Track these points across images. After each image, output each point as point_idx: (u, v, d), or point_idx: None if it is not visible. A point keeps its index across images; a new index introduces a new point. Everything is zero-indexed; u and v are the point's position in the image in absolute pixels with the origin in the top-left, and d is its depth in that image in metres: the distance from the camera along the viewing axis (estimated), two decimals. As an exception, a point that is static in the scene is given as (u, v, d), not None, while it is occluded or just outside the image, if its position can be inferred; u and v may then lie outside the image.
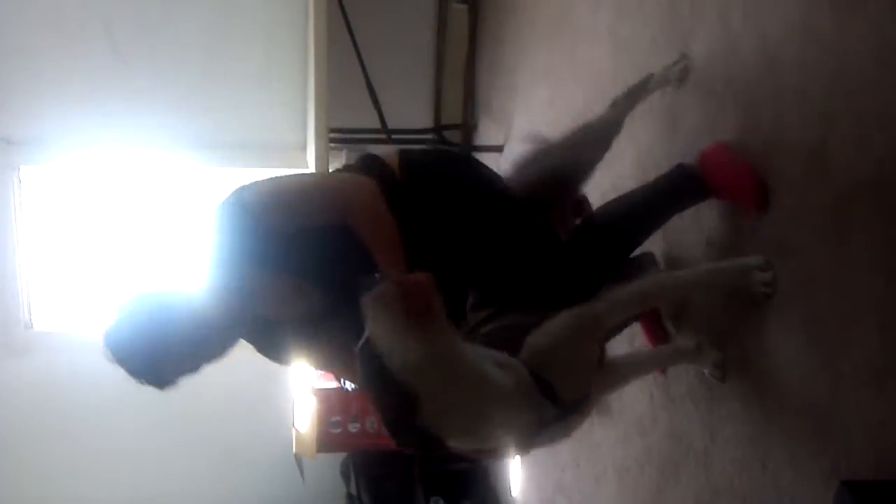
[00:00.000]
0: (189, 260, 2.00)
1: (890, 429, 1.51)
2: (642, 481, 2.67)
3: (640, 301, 2.11)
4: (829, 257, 1.70)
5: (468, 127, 4.81)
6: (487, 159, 4.48)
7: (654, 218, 2.21)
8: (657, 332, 2.47)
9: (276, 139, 4.83)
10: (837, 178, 1.67)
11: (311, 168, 4.17)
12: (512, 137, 4.08)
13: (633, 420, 2.69)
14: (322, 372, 4.13)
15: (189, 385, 4.96)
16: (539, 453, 2.54)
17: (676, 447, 2.43)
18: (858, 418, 1.62)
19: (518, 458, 4.04)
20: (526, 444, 1.81)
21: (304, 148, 4.58)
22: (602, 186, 2.66)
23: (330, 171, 2.11)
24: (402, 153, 2.11)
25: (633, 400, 2.68)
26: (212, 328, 1.95)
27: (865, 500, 1.17)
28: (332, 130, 4.15)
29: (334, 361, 2.15)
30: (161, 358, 1.91)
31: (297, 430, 4.50)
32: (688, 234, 2.31)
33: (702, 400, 2.28)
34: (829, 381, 1.71)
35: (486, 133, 4.59)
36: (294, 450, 4.56)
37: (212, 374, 4.90)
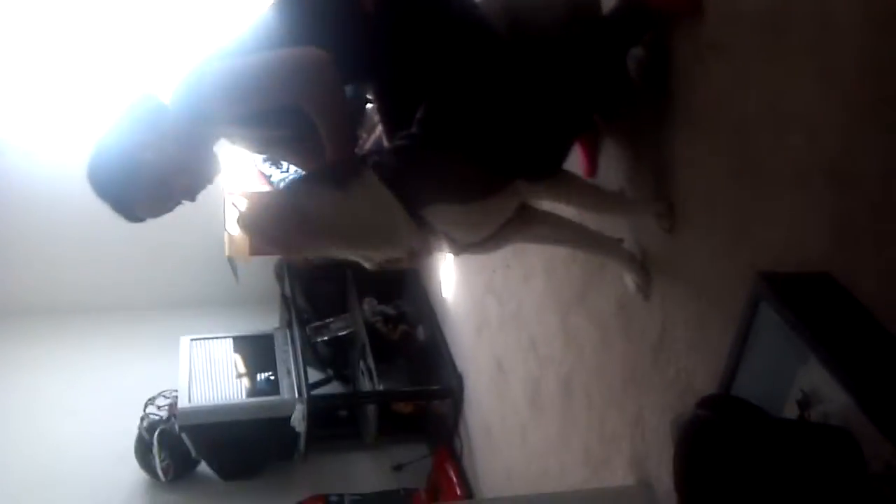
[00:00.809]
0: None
1: (811, 229, 1.56)
2: (568, 279, 2.75)
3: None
4: (762, 58, 1.69)
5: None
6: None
7: (612, 60, 2.12)
8: (592, 156, 2.46)
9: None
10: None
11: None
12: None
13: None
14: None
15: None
16: (468, 257, 2.60)
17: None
18: (780, 220, 1.66)
19: (444, 259, 4.13)
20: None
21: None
22: None
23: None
24: None
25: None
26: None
27: (782, 292, 1.21)
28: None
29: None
30: (131, 194, 1.92)
31: (228, 233, 4.49)
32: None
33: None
34: (750, 182, 1.74)
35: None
36: (227, 252, 4.57)
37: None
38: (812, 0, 1.54)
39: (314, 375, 4.48)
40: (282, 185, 4.19)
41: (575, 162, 2.45)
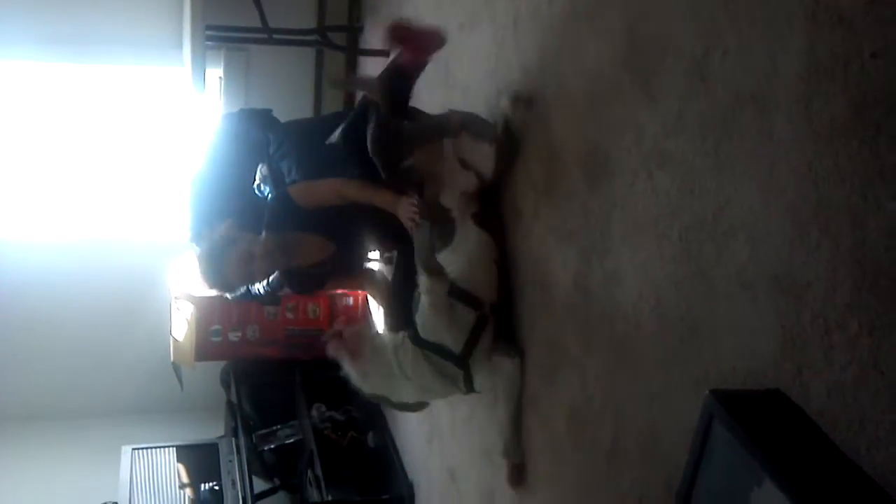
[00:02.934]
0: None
1: (759, 339, 1.55)
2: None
3: None
4: (705, 168, 1.71)
5: (353, 29, 4.66)
6: (372, 64, 4.37)
7: None
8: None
9: (150, 36, 4.60)
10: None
11: (186, 65, 3.98)
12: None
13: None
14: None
15: (69, 295, 4.82)
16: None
17: (552, 354, 2.46)
18: (729, 329, 1.65)
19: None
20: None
21: (179, 46, 4.36)
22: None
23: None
24: None
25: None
26: None
27: (733, 409, 1.19)
28: (210, 28, 3.95)
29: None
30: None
31: (174, 338, 4.40)
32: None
33: (573, 306, 2.31)
34: (699, 291, 1.73)
35: (373, 36, 4.46)
36: (172, 358, 4.47)
37: (90, 283, 4.77)
38: (754, 112, 1.56)
39: (260, 485, 4.33)
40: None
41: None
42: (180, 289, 4.35)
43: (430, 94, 3.46)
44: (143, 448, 4.37)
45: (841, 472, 1.12)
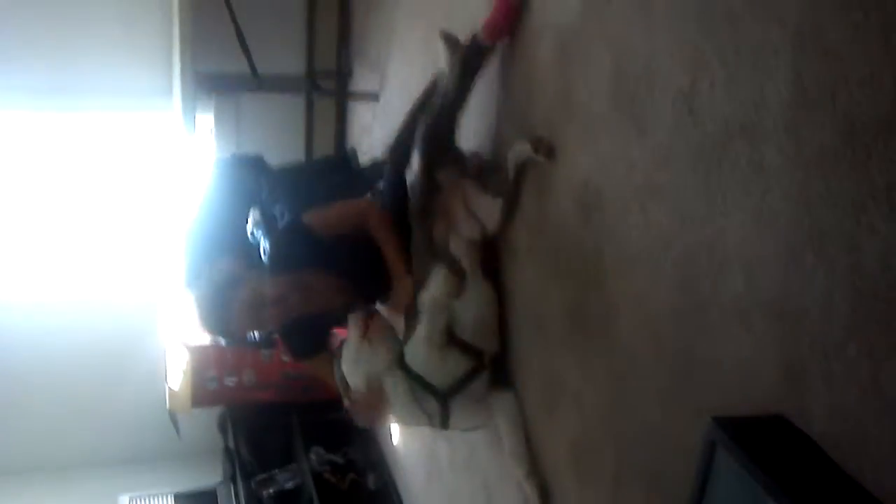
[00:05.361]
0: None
1: (758, 366, 1.55)
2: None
3: None
4: (697, 198, 1.72)
5: (342, 73, 4.70)
6: (362, 108, 4.41)
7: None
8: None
9: (140, 84, 4.63)
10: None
11: (177, 114, 4.00)
12: (387, 84, 4.01)
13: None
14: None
15: (62, 346, 4.78)
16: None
17: (551, 388, 2.46)
18: (727, 358, 1.65)
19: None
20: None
21: (169, 93, 4.40)
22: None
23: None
24: None
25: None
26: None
27: (736, 435, 1.19)
28: (200, 75, 3.99)
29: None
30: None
31: (170, 387, 4.38)
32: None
33: (570, 341, 2.32)
34: (698, 322, 1.74)
35: (362, 80, 4.50)
36: (168, 406, 4.44)
37: (82, 334, 4.74)
38: (743, 141, 1.58)
39: (260, 532, 4.29)
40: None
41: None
42: (174, 337, 4.33)
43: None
44: (140, 496, 4.33)
45: (845, 492, 1.13)
